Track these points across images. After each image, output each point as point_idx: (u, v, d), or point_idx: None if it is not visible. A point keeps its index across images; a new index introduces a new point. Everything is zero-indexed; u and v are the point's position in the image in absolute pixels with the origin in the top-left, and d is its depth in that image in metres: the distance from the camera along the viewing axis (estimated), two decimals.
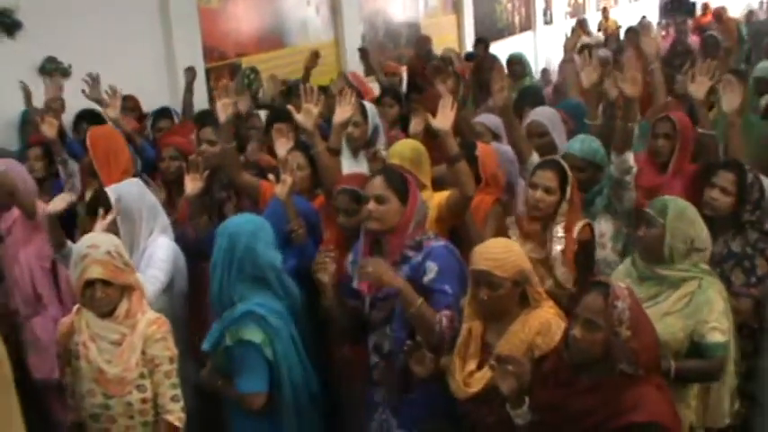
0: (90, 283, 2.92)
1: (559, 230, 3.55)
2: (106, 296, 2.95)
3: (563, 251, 3.52)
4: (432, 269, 3.13)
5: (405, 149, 4.01)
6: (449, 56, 7.95)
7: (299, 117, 4.05)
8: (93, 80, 5.38)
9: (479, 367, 2.94)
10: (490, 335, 3.00)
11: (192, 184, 4.02)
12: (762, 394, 3.63)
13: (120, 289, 3.00)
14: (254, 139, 5.26)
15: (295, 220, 3.70)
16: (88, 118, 5.54)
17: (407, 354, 3.00)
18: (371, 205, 3.19)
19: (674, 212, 3.21)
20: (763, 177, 3.77)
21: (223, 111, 4.07)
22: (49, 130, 4.71)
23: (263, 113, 5.65)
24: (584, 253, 3.59)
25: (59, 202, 3.68)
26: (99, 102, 5.41)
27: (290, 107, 4.25)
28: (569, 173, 3.60)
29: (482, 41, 9.62)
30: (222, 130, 4.13)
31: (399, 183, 3.24)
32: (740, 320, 3.43)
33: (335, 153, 4.09)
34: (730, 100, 4.24)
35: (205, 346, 3.25)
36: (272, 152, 4.63)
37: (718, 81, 4.45)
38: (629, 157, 3.85)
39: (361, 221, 3.30)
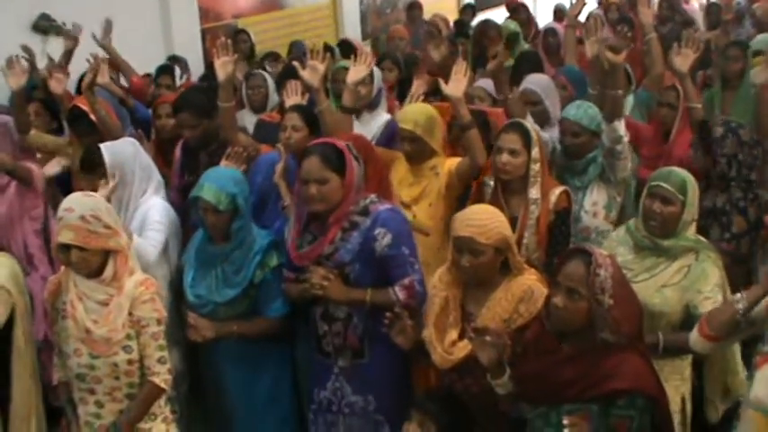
0: (66, 247, 2.88)
1: (534, 192, 3.54)
2: (82, 260, 2.90)
3: (538, 218, 3.51)
4: (385, 235, 3.12)
5: (419, 116, 3.80)
6: (436, 22, 7.87)
7: (304, 74, 4.03)
8: (108, 25, 5.38)
9: (461, 336, 2.90)
10: (470, 303, 2.98)
11: None
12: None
13: (101, 252, 2.94)
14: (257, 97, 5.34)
15: (289, 197, 3.67)
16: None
17: (388, 326, 2.96)
18: (313, 188, 3.10)
19: (692, 188, 3.18)
20: None
21: (222, 69, 3.98)
22: (57, 86, 4.71)
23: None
24: (560, 222, 3.57)
25: (54, 166, 3.70)
26: (106, 49, 5.49)
27: (295, 63, 4.20)
28: (533, 134, 3.57)
29: (470, 7, 9.58)
30: (221, 89, 4.00)
31: (335, 158, 3.14)
32: None
33: (350, 111, 4.13)
34: (760, 72, 4.22)
35: (229, 294, 3.32)
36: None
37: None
38: (619, 126, 3.76)
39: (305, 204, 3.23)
